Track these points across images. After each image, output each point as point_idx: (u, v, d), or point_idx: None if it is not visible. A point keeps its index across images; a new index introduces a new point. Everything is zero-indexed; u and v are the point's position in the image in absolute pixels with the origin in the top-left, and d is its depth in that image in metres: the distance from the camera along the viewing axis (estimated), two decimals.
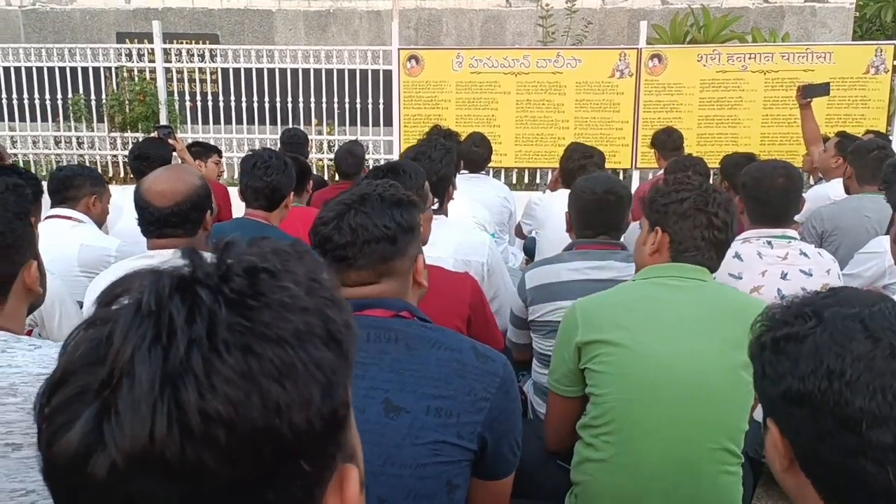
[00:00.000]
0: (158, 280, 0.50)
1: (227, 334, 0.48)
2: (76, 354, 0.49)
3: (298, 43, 8.73)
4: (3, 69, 7.26)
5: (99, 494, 0.46)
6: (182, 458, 0.45)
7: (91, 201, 2.92)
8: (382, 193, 1.45)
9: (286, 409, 0.48)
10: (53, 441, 0.46)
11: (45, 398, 0.48)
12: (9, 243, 1.35)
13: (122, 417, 0.45)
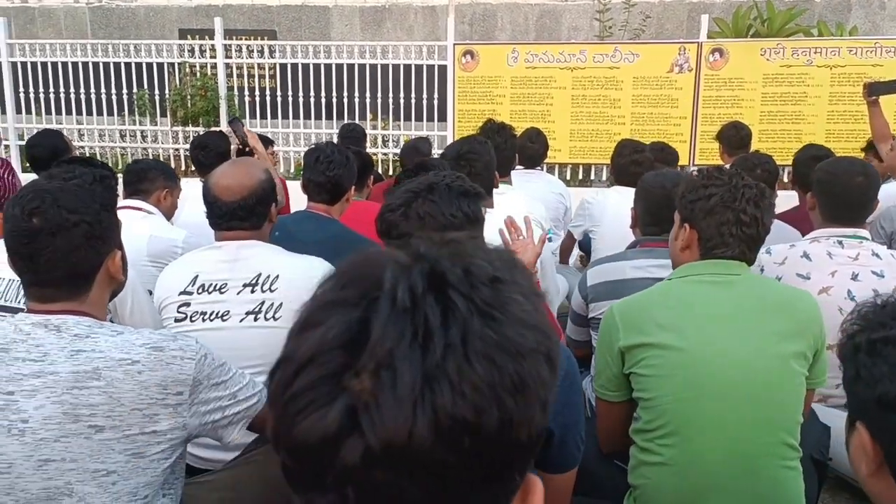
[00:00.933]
0: (409, 275, 0.52)
1: (478, 344, 0.49)
2: (328, 336, 0.50)
3: (354, 38, 8.82)
4: (71, 65, 7.51)
5: (344, 476, 0.48)
6: (429, 456, 0.48)
7: (162, 195, 3.00)
8: (450, 183, 1.47)
9: (516, 422, 0.51)
10: (299, 420, 0.49)
11: (291, 374, 0.50)
12: (95, 233, 1.40)
13: (384, 410, 0.47)
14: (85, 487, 1.24)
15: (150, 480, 1.31)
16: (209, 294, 2.05)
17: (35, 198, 1.38)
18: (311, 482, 0.50)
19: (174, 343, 1.35)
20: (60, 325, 1.31)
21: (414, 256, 0.54)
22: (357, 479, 0.48)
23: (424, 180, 1.50)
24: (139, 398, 1.28)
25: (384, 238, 1.50)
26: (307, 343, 0.51)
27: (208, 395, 1.39)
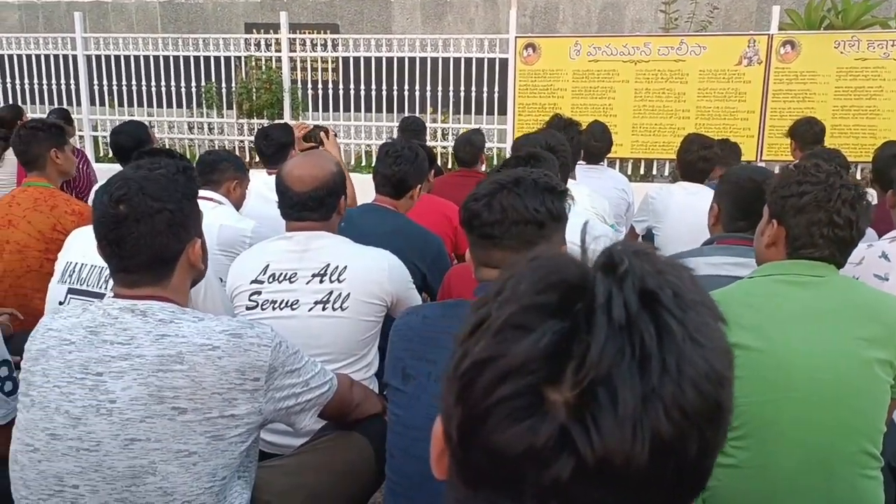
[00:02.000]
0: (622, 289, 0.51)
1: (690, 371, 0.50)
2: (540, 345, 0.49)
3: (415, 32, 8.85)
4: (143, 58, 7.75)
5: (548, 490, 0.49)
6: (637, 476, 0.48)
7: (232, 185, 3.08)
8: (537, 179, 1.48)
9: (711, 449, 0.52)
10: (503, 428, 0.49)
11: (496, 379, 0.50)
12: (177, 221, 1.45)
13: (603, 430, 0.47)
14: (168, 467, 1.29)
15: (228, 462, 1.35)
16: (279, 283, 2.09)
17: (122, 186, 1.43)
18: (506, 490, 0.51)
19: (252, 330, 1.39)
20: (146, 310, 1.37)
21: (614, 266, 0.53)
22: (561, 494, 0.49)
23: (512, 173, 1.52)
24: (219, 382, 1.32)
25: (465, 227, 1.52)
26: (515, 348, 0.50)
27: (283, 381, 1.43)
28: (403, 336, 1.54)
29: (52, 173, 2.98)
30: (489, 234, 1.45)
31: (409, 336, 1.53)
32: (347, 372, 1.95)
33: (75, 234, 2.39)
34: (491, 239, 1.46)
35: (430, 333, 1.50)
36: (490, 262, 1.48)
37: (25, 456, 1.31)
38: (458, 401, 0.53)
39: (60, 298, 2.22)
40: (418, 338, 1.51)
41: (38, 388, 1.32)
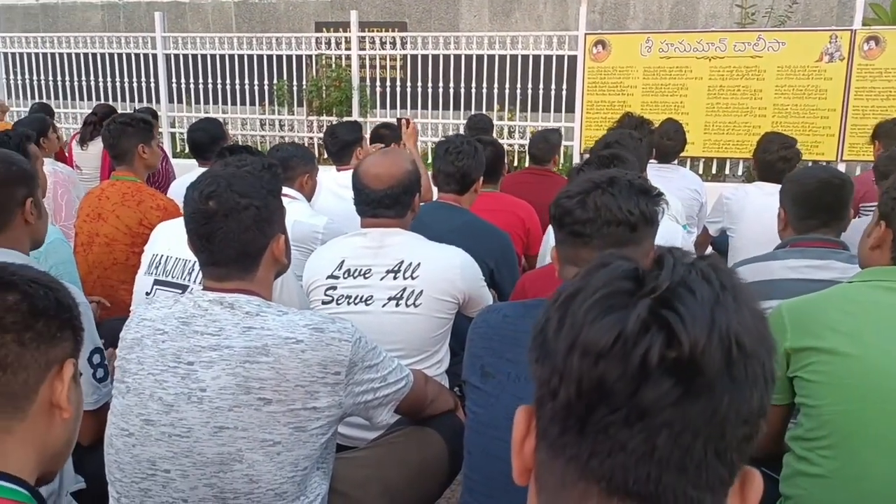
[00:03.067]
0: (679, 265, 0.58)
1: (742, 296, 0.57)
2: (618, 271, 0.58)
3: (482, 29, 8.84)
4: (219, 57, 7.98)
5: (629, 382, 0.53)
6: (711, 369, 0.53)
7: (304, 179, 3.14)
8: (632, 180, 1.47)
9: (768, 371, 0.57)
10: (596, 321, 0.55)
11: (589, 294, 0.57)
12: (263, 216, 1.49)
13: (690, 308, 0.54)
14: (254, 455, 1.33)
15: (310, 454, 1.39)
16: (354, 279, 2.13)
17: (212, 182, 1.48)
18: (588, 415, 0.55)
19: (333, 325, 1.42)
20: (234, 302, 1.41)
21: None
22: (635, 396, 0.53)
23: (607, 172, 1.51)
24: (302, 375, 1.36)
25: (555, 224, 1.51)
26: (597, 276, 0.58)
27: (362, 376, 1.46)
28: (483, 334, 1.53)
29: (138, 167, 3.10)
30: (580, 232, 1.45)
31: (488, 334, 1.52)
32: (419, 368, 1.97)
33: (161, 228, 2.48)
34: (581, 237, 1.45)
35: (510, 332, 1.49)
36: (577, 262, 1.47)
37: (120, 440, 1.37)
38: (545, 352, 0.59)
39: (147, 289, 2.31)
40: (498, 336, 1.50)
41: (133, 376, 1.38)
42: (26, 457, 0.89)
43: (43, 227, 2.00)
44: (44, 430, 0.92)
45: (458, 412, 1.95)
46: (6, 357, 0.87)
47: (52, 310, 0.93)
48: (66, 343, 0.95)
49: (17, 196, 1.89)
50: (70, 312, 0.97)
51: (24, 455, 0.89)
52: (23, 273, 0.93)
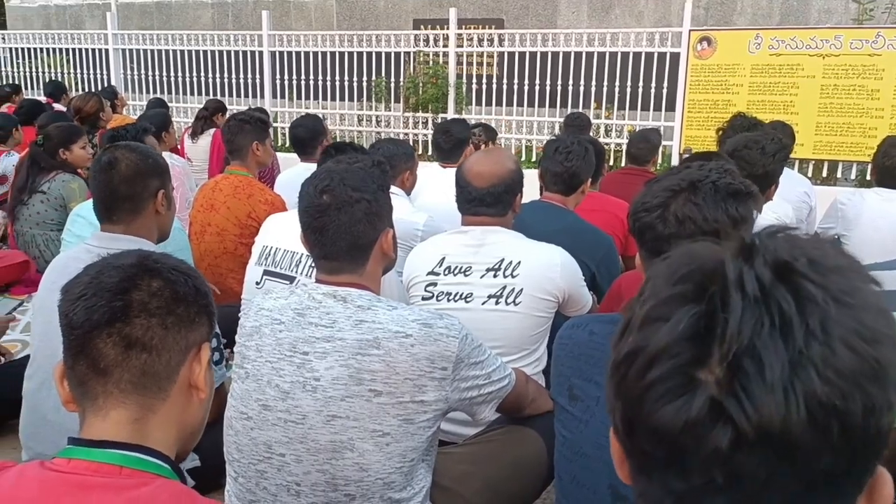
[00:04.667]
0: (753, 265, 0.53)
1: (838, 330, 0.50)
2: (678, 329, 0.52)
3: (580, 26, 8.72)
4: (320, 54, 8.21)
5: (711, 461, 0.50)
6: (800, 441, 0.49)
7: (405, 176, 3.19)
8: (716, 181, 1.31)
9: (878, 408, 0.51)
10: (659, 407, 0.52)
11: (644, 366, 0.53)
12: (373, 210, 1.54)
13: (755, 397, 0.49)
14: (364, 445, 1.37)
15: (416, 446, 1.42)
16: (454, 276, 2.16)
17: (326, 177, 1.54)
18: (671, 467, 0.53)
19: (441, 321, 1.45)
20: (346, 296, 1.46)
21: (747, 248, 0.54)
22: (724, 466, 0.50)
23: (687, 175, 1.35)
24: (411, 369, 1.39)
25: (636, 238, 1.42)
26: (657, 336, 0.53)
27: (467, 372, 1.48)
28: (569, 352, 1.45)
29: (251, 163, 3.24)
30: (663, 249, 1.30)
31: (575, 353, 1.44)
32: (517, 366, 1.98)
33: (271, 220, 2.59)
34: (664, 254, 1.36)
35: (597, 353, 1.39)
36: None
37: (240, 423, 1.45)
38: (616, 395, 0.56)
39: (257, 279, 2.41)
40: (585, 356, 1.41)
41: (252, 362, 1.45)
42: (168, 434, 0.96)
43: (170, 219, 2.12)
44: (182, 410, 0.98)
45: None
46: (151, 339, 0.93)
47: (191, 296, 0.99)
48: (203, 327, 1.01)
49: (151, 187, 2.01)
50: (206, 299, 1.03)
51: (166, 433, 0.96)
52: (165, 261, 1.00)
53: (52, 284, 1.97)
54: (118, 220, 1.99)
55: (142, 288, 0.94)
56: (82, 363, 0.92)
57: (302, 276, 2.35)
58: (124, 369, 0.92)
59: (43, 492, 0.84)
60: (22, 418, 1.97)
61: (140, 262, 0.97)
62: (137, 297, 0.93)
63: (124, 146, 2.10)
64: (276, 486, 1.42)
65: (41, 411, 1.90)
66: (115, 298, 0.92)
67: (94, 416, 0.93)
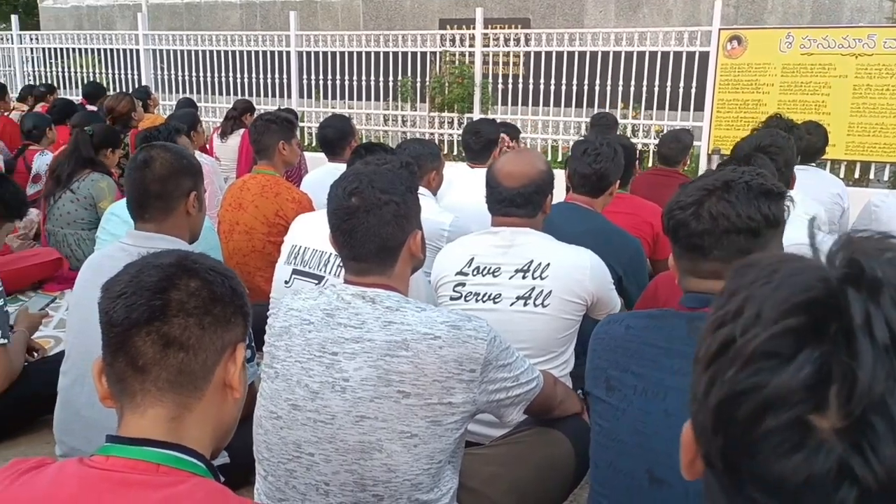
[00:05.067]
0: (879, 304, 0.48)
1: None
2: (800, 375, 0.48)
3: (608, 25, 8.67)
4: (348, 54, 8.25)
5: None
6: None
7: (432, 176, 3.19)
8: (749, 181, 1.36)
9: None
10: (776, 458, 0.49)
11: (759, 410, 0.49)
12: (402, 212, 1.54)
13: (885, 457, 0.46)
14: (392, 446, 1.38)
15: (444, 447, 1.42)
16: (483, 276, 2.15)
17: (354, 180, 1.54)
18: None
19: (469, 323, 1.45)
20: (374, 297, 1.46)
21: (860, 276, 0.49)
22: None
23: (720, 176, 1.40)
24: (439, 371, 1.39)
25: (670, 237, 1.45)
26: (775, 380, 0.49)
27: (496, 375, 1.47)
28: (606, 346, 1.49)
29: (278, 163, 3.27)
30: (697, 245, 1.36)
31: (611, 346, 1.48)
32: (544, 368, 1.97)
33: (300, 220, 2.60)
34: (699, 250, 1.37)
35: (633, 345, 1.44)
36: (698, 272, 1.40)
37: (269, 422, 1.46)
38: (715, 430, 0.52)
39: (286, 278, 2.43)
40: (621, 349, 1.45)
41: (282, 362, 1.46)
42: (203, 433, 0.97)
43: (201, 221, 2.14)
44: (218, 409, 0.99)
45: (583, 416, 1.94)
46: (189, 339, 0.94)
47: (228, 296, 1.00)
48: (238, 328, 1.02)
49: (183, 187, 2.04)
50: (241, 299, 1.04)
51: (202, 431, 0.97)
52: (203, 262, 1.01)
53: (88, 282, 2.01)
54: (150, 218, 2.02)
55: (180, 287, 0.95)
56: (121, 360, 0.94)
57: (330, 276, 2.36)
58: (162, 368, 0.93)
59: (83, 488, 0.85)
60: (56, 413, 2.01)
61: (179, 261, 0.98)
62: (176, 296, 0.94)
63: (160, 146, 2.13)
64: (305, 485, 1.43)
65: (75, 407, 1.93)
66: (155, 297, 0.93)
67: (131, 414, 0.94)
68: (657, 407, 1.36)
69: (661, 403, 1.36)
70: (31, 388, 2.38)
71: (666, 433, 1.30)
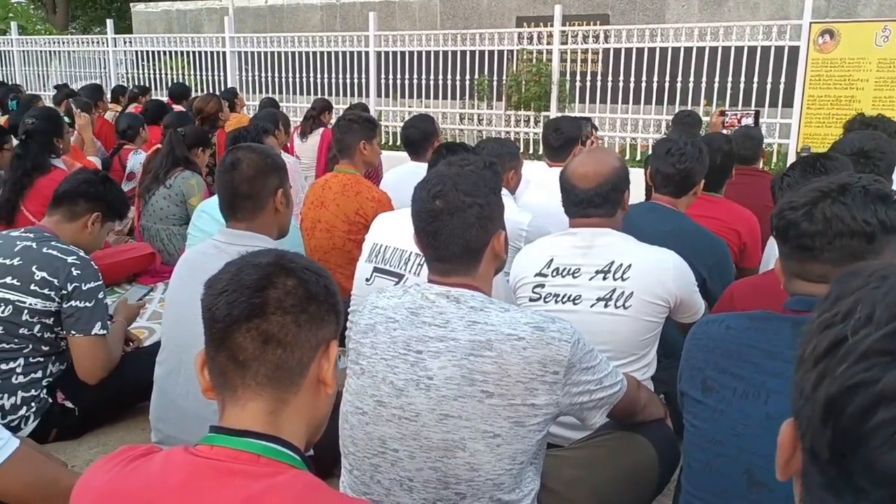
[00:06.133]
0: None
1: None
2: None
3: (690, 20, 8.45)
4: (426, 53, 8.32)
5: None
6: None
7: (510, 175, 3.19)
8: (867, 185, 1.35)
9: None
10: (887, 451, 0.50)
11: (870, 405, 0.51)
12: (485, 214, 1.54)
13: None
14: (476, 445, 1.39)
15: (526, 448, 1.42)
16: (563, 277, 2.14)
17: (438, 182, 1.55)
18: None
19: (553, 325, 1.44)
20: (459, 297, 1.47)
21: None
22: None
23: (836, 179, 1.40)
24: (523, 372, 1.39)
25: (779, 237, 1.43)
26: (889, 376, 0.51)
27: (579, 377, 1.47)
28: (704, 346, 1.48)
29: (358, 162, 3.33)
30: (808, 246, 1.35)
31: (710, 346, 1.47)
32: (626, 371, 1.94)
33: (381, 219, 2.65)
34: (809, 251, 1.35)
35: (733, 346, 1.43)
36: (806, 275, 1.38)
37: (355, 417, 1.49)
38: (825, 422, 0.54)
39: (367, 276, 2.48)
40: (721, 349, 1.44)
41: (368, 359, 1.49)
42: (298, 426, 1.00)
43: (289, 216, 2.21)
44: (312, 403, 1.03)
45: (667, 420, 1.90)
46: (286, 336, 0.98)
47: (322, 295, 1.03)
48: (332, 325, 1.05)
49: (271, 185, 2.11)
50: (335, 298, 1.07)
51: (297, 425, 1.00)
52: (298, 261, 1.04)
53: (184, 278, 2.10)
54: (241, 217, 2.09)
55: (278, 286, 0.99)
56: (223, 355, 0.98)
57: (410, 274, 2.39)
58: (261, 363, 0.97)
59: (191, 475, 0.90)
60: (152, 402, 2.11)
61: (277, 261, 1.02)
62: (274, 294, 0.98)
63: (245, 147, 2.20)
64: (389, 480, 1.46)
65: (170, 396, 2.03)
66: (254, 295, 0.97)
67: (233, 407, 0.98)
68: (758, 409, 1.35)
69: (762, 406, 1.35)
70: (127, 377, 2.50)
71: (767, 436, 1.29)
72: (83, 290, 2.32)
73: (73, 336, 2.34)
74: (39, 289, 2.29)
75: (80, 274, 2.33)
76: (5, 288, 2.28)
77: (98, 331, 2.36)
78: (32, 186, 3.76)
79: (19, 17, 17.55)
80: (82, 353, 2.36)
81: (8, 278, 2.29)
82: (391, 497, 1.46)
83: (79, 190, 2.51)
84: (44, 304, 2.30)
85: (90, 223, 2.51)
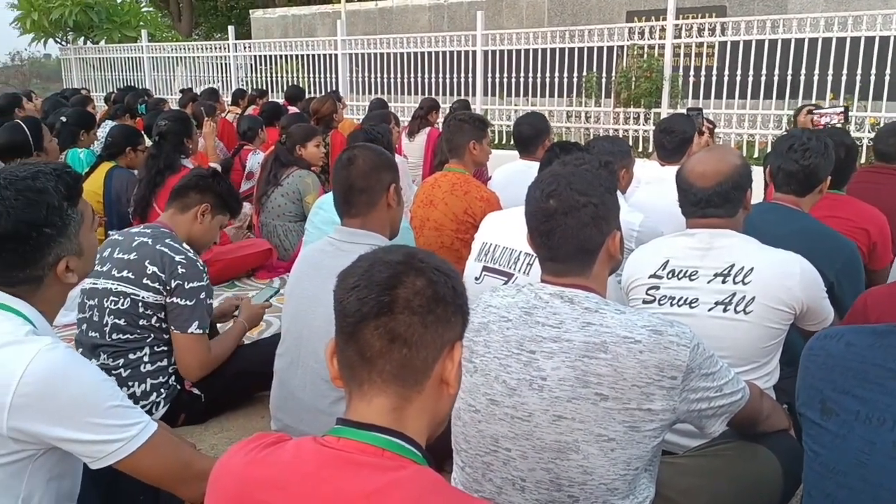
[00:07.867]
0: None
1: None
2: None
3: (815, 10, 7.98)
4: (532, 51, 8.27)
5: None
6: None
7: (622, 174, 3.12)
8: None
9: None
10: None
11: None
12: (600, 214, 1.52)
13: None
14: (589, 448, 1.37)
15: (641, 454, 1.39)
16: (679, 280, 2.07)
17: (552, 182, 1.54)
18: None
19: (671, 329, 1.40)
20: (573, 297, 1.46)
21: None
22: None
23: None
24: (639, 376, 1.36)
25: None
26: None
27: (698, 384, 1.42)
28: (822, 364, 1.36)
29: (468, 162, 3.36)
30: None
31: (828, 364, 1.35)
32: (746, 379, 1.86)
33: (490, 218, 2.66)
34: None
35: (856, 364, 1.31)
36: None
37: (468, 414, 1.51)
38: None
39: (476, 274, 2.49)
40: (840, 368, 1.33)
41: (481, 357, 1.50)
42: (421, 424, 1.02)
43: (400, 214, 2.26)
44: (434, 402, 1.04)
45: (791, 432, 1.81)
46: (412, 335, 1.00)
47: (450, 296, 1.04)
48: (458, 327, 1.06)
49: (384, 180, 2.16)
50: (462, 299, 1.07)
51: (420, 423, 1.02)
52: (429, 261, 1.06)
53: (302, 274, 2.19)
54: (356, 213, 2.16)
55: (407, 285, 1.00)
56: (351, 348, 1.01)
57: (519, 273, 2.38)
58: (387, 360, 0.99)
59: (320, 464, 0.94)
60: (272, 392, 2.21)
61: (407, 259, 1.04)
62: (403, 294, 1.00)
63: (360, 146, 2.28)
64: (501, 479, 1.46)
65: (289, 387, 2.11)
66: (384, 293, 0.99)
67: (359, 401, 1.01)
68: (886, 437, 1.23)
69: (889, 433, 1.23)
70: (249, 367, 2.63)
71: (895, 467, 1.19)
72: (185, 288, 2.42)
73: (173, 331, 2.46)
74: (150, 283, 2.41)
75: (185, 272, 2.43)
76: (123, 282, 2.42)
77: (194, 330, 2.44)
78: (164, 185, 4.01)
79: (149, 25, 18.73)
80: (180, 348, 2.47)
81: (125, 272, 2.43)
82: (503, 496, 1.46)
83: (190, 183, 2.65)
84: (154, 297, 2.42)
85: (200, 214, 2.62)
